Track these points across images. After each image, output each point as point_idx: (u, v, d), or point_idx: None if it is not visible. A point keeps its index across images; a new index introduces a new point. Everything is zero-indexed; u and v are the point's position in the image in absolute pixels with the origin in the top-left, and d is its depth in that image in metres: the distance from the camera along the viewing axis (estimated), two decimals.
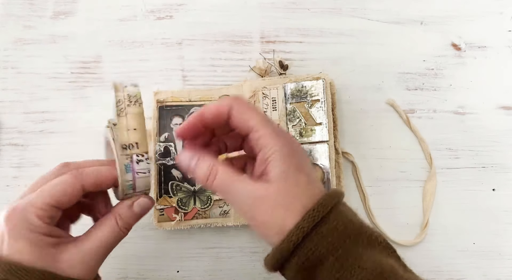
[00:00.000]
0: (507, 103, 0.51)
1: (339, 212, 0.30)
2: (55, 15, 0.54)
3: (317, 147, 0.46)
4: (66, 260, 0.30)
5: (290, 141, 0.32)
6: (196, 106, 0.50)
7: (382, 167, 0.49)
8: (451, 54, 0.52)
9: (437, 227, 0.48)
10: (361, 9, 0.53)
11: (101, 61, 0.52)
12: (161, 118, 0.49)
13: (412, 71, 0.52)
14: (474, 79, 0.51)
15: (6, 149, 0.51)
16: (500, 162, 0.49)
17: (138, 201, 0.34)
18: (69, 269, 0.30)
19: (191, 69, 0.52)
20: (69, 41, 0.53)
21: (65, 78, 0.52)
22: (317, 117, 0.46)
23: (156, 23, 0.53)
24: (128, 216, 0.33)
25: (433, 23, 0.53)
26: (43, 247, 0.30)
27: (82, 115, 0.51)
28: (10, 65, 0.53)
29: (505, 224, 0.48)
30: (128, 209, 0.33)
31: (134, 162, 0.33)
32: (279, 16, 0.53)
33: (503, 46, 0.52)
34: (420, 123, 0.50)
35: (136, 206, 0.34)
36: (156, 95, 0.50)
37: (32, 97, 0.52)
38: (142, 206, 0.34)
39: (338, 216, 0.30)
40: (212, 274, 0.48)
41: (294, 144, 0.33)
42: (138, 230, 0.49)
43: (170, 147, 0.49)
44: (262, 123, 0.31)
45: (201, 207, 0.48)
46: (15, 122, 0.51)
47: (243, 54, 0.52)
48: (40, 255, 0.30)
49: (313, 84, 0.47)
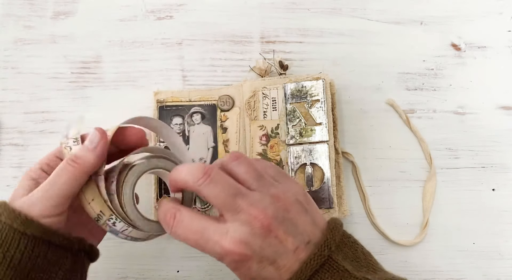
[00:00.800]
0: (507, 103, 0.51)
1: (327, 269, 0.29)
2: (55, 15, 0.54)
3: (317, 147, 0.46)
4: (22, 200, 0.32)
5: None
6: (196, 106, 0.50)
7: (382, 167, 0.49)
8: (451, 54, 0.52)
9: (437, 227, 0.48)
10: (361, 9, 0.53)
11: (101, 61, 0.52)
12: (161, 119, 0.49)
13: (412, 71, 0.52)
14: (474, 79, 0.51)
15: (6, 149, 0.51)
16: (500, 162, 0.49)
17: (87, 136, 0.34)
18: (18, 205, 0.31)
19: (191, 69, 0.52)
20: (69, 41, 0.53)
21: (65, 78, 0.52)
22: (317, 117, 0.46)
23: (156, 23, 0.53)
24: (74, 149, 0.33)
25: (433, 23, 0.53)
26: (21, 188, 0.33)
27: (82, 115, 0.51)
28: (10, 65, 0.53)
29: (505, 224, 0.48)
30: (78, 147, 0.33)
31: (111, 227, 0.33)
32: (279, 16, 0.53)
33: (503, 46, 0.52)
34: (420, 123, 0.50)
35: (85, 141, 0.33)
36: (156, 95, 0.50)
37: (32, 97, 0.52)
38: (88, 138, 0.33)
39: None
40: (212, 274, 0.48)
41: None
42: None
43: None
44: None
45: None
46: (15, 122, 0.51)
47: (243, 54, 0.52)
48: (16, 193, 0.33)
49: (313, 85, 0.47)
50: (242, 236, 0.29)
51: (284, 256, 0.29)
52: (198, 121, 0.50)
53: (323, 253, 0.29)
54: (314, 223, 0.31)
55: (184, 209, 0.32)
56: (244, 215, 0.30)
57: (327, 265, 0.29)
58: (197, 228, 0.31)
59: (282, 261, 0.29)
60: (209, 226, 0.30)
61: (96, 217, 0.33)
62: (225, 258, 0.30)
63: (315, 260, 0.29)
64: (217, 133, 0.49)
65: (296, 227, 0.30)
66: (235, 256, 0.29)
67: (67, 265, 0.32)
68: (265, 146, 0.48)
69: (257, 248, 0.29)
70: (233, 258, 0.29)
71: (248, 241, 0.29)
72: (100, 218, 0.33)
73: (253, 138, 0.48)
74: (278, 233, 0.29)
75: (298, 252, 0.30)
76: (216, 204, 0.30)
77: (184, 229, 0.31)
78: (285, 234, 0.30)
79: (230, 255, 0.29)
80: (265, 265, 0.29)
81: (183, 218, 0.31)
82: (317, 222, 0.32)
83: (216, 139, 0.49)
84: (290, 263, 0.29)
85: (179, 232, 0.32)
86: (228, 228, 0.30)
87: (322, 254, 0.29)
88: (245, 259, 0.29)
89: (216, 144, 0.49)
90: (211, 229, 0.30)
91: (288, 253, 0.29)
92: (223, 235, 0.29)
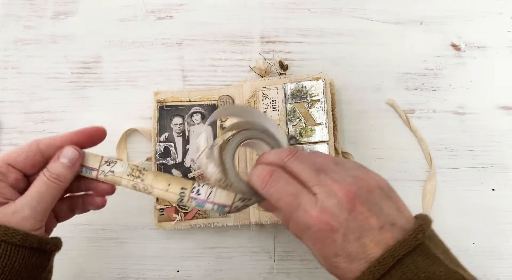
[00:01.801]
0: (507, 103, 0.51)
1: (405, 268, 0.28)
2: (55, 15, 0.54)
3: (317, 147, 0.46)
4: (3, 212, 0.33)
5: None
6: (196, 106, 0.50)
7: (382, 167, 0.49)
8: (450, 54, 0.52)
9: (437, 227, 0.47)
10: (361, 9, 0.53)
11: (101, 61, 0.52)
12: (161, 118, 0.49)
13: (412, 71, 0.52)
14: (474, 79, 0.51)
15: (7, 149, 0.51)
16: (500, 162, 0.49)
17: (62, 152, 0.35)
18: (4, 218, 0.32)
19: (191, 69, 0.52)
20: (69, 41, 0.53)
21: (65, 78, 0.52)
22: (317, 117, 0.46)
23: (156, 23, 0.53)
24: (53, 166, 0.35)
25: (433, 23, 0.53)
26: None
27: (82, 115, 0.51)
28: (10, 65, 0.53)
29: (505, 224, 0.48)
30: (54, 161, 0.35)
31: (196, 198, 0.35)
32: (279, 16, 0.53)
33: (503, 46, 0.52)
34: (420, 123, 0.50)
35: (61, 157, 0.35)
36: (156, 95, 0.50)
37: (32, 97, 0.52)
38: (64, 155, 0.35)
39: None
40: (212, 274, 0.48)
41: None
42: (138, 230, 0.49)
43: (170, 147, 0.49)
44: None
45: None
46: (15, 122, 0.51)
47: (243, 54, 0.52)
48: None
49: (313, 85, 0.47)
50: (330, 207, 0.29)
51: (369, 232, 0.29)
52: (198, 121, 0.50)
53: (417, 236, 0.29)
54: (398, 209, 0.31)
55: (282, 170, 0.33)
56: (330, 188, 0.30)
57: (419, 249, 0.29)
58: (293, 191, 0.31)
59: (367, 237, 0.29)
60: (303, 193, 0.31)
61: (179, 197, 0.35)
62: (312, 227, 0.30)
63: (410, 241, 0.29)
64: (217, 133, 0.49)
65: (380, 208, 0.30)
66: (322, 225, 0.29)
67: (47, 264, 0.35)
68: None
69: (343, 220, 0.29)
70: (320, 227, 0.30)
71: (335, 212, 0.29)
72: (183, 196, 0.34)
73: None
74: (363, 210, 0.29)
75: (383, 231, 0.29)
76: (304, 177, 0.31)
77: (278, 189, 0.32)
78: (369, 212, 0.29)
79: (318, 224, 0.29)
80: (350, 239, 0.29)
81: (280, 178, 0.32)
82: (402, 210, 0.31)
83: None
84: (376, 241, 0.29)
85: (272, 191, 0.32)
86: (318, 198, 0.30)
87: (417, 237, 0.29)
88: (331, 231, 0.29)
89: None
90: (304, 196, 0.31)
91: (373, 230, 0.29)
92: (313, 204, 0.30)
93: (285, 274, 0.48)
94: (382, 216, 0.30)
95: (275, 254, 0.48)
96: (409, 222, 0.30)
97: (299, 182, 0.32)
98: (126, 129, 0.50)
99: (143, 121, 0.51)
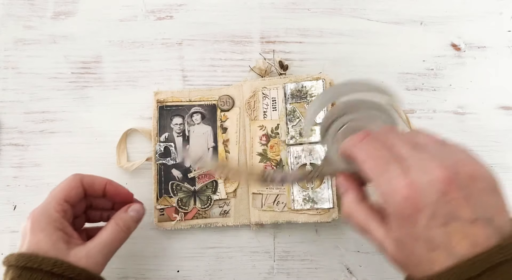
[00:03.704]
0: (507, 103, 0.51)
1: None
2: (55, 15, 0.54)
3: (317, 147, 0.46)
4: (73, 255, 0.35)
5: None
6: (196, 106, 0.50)
7: None
8: (450, 55, 0.52)
9: None
10: (361, 9, 0.53)
11: (101, 61, 0.53)
12: (161, 118, 0.49)
13: (412, 72, 0.52)
14: (474, 79, 0.51)
15: (7, 148, 0.51)
16: (500, 162, 0.49)
17: (131, 206, 0.40)
18: (75, 262, 0.35)
19: (191, 69, 0.52)
20: (69, 41, 0.53)
21: (65, 78, 0.52)
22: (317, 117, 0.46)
23: (156, 23, 0.53)
24: (124, 218, 0.39)
25: (433, 23, 0.53)
26: (56, 240, 0.35)
27: (82, 115, 0.51)
28: (11, 65, 0.53)
29: None
30: (124, 212, 0.40)
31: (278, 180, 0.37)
32: (279, 16, 0.53)
33: (503, 46, 0.52)
34: (420, 123, 0.50)
35: (130, 210, 0.40)
36: (156, 95, 0.50)
37: (32, 97, 0.52)
38: (134, 209, 0.40)
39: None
40: (212, 274, 0.48)
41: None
42: (138, 230, 0.48)
43: (170, 147, 0.49)
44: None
45: (201, 206, 0.48)
46: (15, 122, 0.51)
47: (243, 54, 0.52)
48: (53, 247, 0.35)
49: (313, 85, 0.47)
50: (421, 183, 0.26)
51: (459, 222, 0.25)
52: (198, 121, 0.50)
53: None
54: (502, 208, 0.27)
55: (377, 139, 0.31)
56: (426, 164, 0.27)
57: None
58: (383, 155, 0.29)
59: (456, 226, 0.26)
60: (394, 161, 0.28)
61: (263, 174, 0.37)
62: (393, 198, 0.27)
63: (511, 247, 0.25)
64: (217, 133, 0.49)
65: (479, 200, 0.26)
66: (405, 200, 0.26)
67: None
68: (265, 146, 0.48)
69: (432, 202, 0.26)
70: (402, 201, 0.26)
71: (425, 190, 0.26)
72: (267, 175, 0.37)
73: (253, 138, 0.48)
74: (458, 196, 0.26)
75: (476, 225, 0.25)
76: (398, 148, 0.29)
77: (368, 150, 0.30)
78: (465, 200, 0.26)
79: (401, 198, 0.26)
80: (436, 224, 0.26)
81: (372, 142, 0.30)
82: (506, 210, 0.27)
83: (216, 139, 0.49)
84: (464, 233, 0.25)
85: (362, 152, 0.30)
86: (410, 171, 0.27)
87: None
88: (416, 209, 0.26)
89: (216, 144, 0.49)
90: (395, 164, 0.28)
91: (464, 221, 0.25)
92: (403, 173, 0.27)
93: (285, 274, 0.48)
94: (478, 209, 0.26)
95: (275, 254, 0.48)
96: (510, 225, 0.26)
97: (393, 152, 0.29)
98: (126, 129, 0.50)
99: (143, 121, 0.51)
